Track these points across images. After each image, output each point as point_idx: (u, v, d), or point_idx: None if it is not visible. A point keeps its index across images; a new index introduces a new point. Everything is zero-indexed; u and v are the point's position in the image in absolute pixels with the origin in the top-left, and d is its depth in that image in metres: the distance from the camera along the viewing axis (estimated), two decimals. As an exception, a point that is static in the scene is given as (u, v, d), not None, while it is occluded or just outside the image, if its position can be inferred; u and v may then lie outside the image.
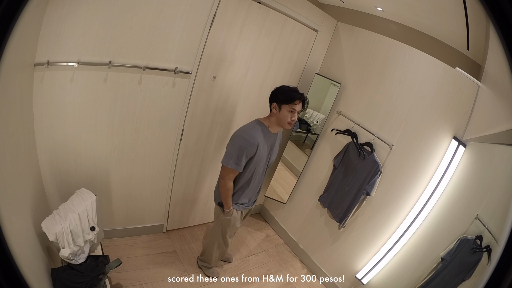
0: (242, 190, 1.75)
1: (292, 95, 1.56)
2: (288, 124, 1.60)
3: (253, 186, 1.78)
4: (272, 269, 2.43)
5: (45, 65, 1.34)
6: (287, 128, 1.63)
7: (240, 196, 1.77)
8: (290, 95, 1.56)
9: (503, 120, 1.07)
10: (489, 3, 0.54)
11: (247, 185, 1.74)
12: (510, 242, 0.53)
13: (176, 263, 2.14)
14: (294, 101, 1.55)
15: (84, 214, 1.40)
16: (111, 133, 1.75)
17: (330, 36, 2.41)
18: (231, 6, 1.77)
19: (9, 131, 1.07)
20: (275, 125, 1.66)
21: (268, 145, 1.68)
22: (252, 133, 1.59)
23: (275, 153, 1.80)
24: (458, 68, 1.67)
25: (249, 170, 1.66)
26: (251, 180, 1.72)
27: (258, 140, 1.59)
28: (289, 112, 1.57)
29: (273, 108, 1.63)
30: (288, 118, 1.58)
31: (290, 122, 1.59)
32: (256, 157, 1.62)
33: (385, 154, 2.01)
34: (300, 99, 1.57)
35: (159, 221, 2.33)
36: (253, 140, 1.57)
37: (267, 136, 1.65)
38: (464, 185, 1.65)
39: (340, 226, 2.19)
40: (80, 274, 1.34)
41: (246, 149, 1.55)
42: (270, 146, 1.71)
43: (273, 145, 1.74)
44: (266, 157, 1.71)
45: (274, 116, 1.63)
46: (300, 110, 1.61)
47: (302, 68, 2.42)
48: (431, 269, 1.64)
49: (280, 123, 1.62)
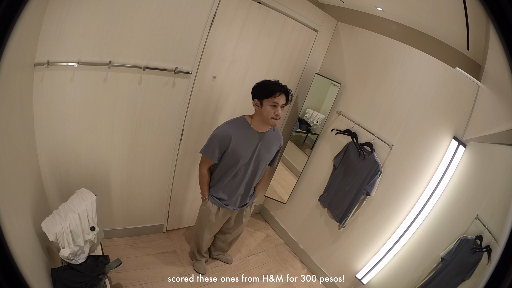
0: (218, 184, 1.75)
1: (272, 88, 1.50)
2: (272, 119, 1.53)
3: (232, 184, 1.73)
4: (272, 269, 2.43)
5: (45, 65, 1.33)
6: (273, 124, 1.58)
7: (217, 191, 1.76)
8: (270, 89, 1.50)
9: (503, 120, 1.07)
10: (489, 3, 0.54)
11: (223, 180, 1.72)
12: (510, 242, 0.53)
13: (176, 263, 2.14)
14: (275, 93, 1.49)
15: (84, 214, 1.40)
16: (111, 133, 1.75)
17: (330, 36, 2.41)
18: (231, 6, 1.77)
19: (9, 131, 1.07)
20: (260, 123, 1.60)
21: (251, 143, 1.63)
22: (226, 127, 1.60)
23: (267, 153, 1.71)
24: (458, 68, 1.67)
25: (225, 164, 1.66)
26: (228, 176, 1.69)
27: (232, 134, 1.57)
28: (271, 107, 1.51)
29: (254, 105, 1.57)
30: (271, 113, 1.52)
31: (274, 118, 1.53)
32: (230, 151, 1.60)
33: (385, 154, 2.01)
34: (281, 91, 1.50)
35: (159, 221, 2.33)
36: (226, 133, 1.57)
37: (248, 134, 1.61)
38: (464, 185, 1.65)
39: (340, 226, 2.19)
40: (80, 274, 1.34)
41: (218, 141, 1.59)
42: (256, 145, 1.64)
43: (261, 144, 1.65)
44: (250, 156, 1.65)
45: (257, 113, 1.59)
46: (284, 103, 1.54)
47: (302, 68, 2.42)
48: (431, 269, 1.64)
49: (264, 119, 1.56)
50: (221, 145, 1.60)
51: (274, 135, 1.73)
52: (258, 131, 1.63)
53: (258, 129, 1.63)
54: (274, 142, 1.73)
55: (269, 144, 1.70)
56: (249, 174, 1.73)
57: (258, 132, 1.63)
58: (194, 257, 2.16)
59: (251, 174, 1.74)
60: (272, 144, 1.72)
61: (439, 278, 1.58)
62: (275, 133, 1.74)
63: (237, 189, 1.76)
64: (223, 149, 1.61)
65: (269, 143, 1.70)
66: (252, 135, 1.62)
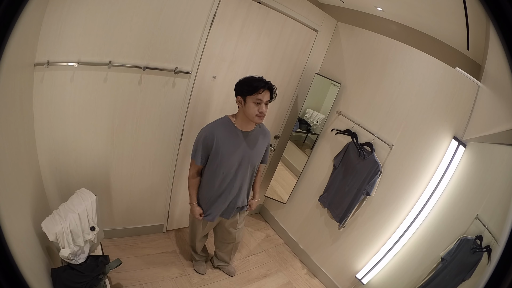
0: (202, 190, 1.69)
1: (255, 84, 1.42)
2: (257, 117, 1.46)
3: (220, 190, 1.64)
4: (272, 269, 2.43)
5: (45, 65, 1.33)
6: (258, 122, 1.50)
7: (204, 201, 1.69)
8: (252, 85, 1.43)
9: (503, 120, 1.07)
10: (489, 3, 0.54)
11: (207, 186, 1.64)
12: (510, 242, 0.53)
13: (176, 263, 2.14)
14: (258, 90, 1.42)
15: (84, 214, 1.40)
16: (111, 133, 1.75)
17: (330, 36, 2.41)
18: (231, 6, 1.77)
19: (9, 131, 1.07)
20: (244, 122, 1.53)
21: (235, 144, 1.55)
22: (209, 127, 1.54)
23: (254, 153, 1.63)
24: (458, 68, 1.67)
25: (211, 168, 1.59)
26: (215, 181, 1.61)
27: (215, 134, 1.51)
28: (255, 104, 1.44)
29: (237, 102, 1.50)
30: (255, 111, 1.44)
31: (259, 115, 1.46)
32: (214, 152, 1.53)
33: (385, 154, 2.01)
34: (264, 88, 1.43)
35: (159, 221, 2.33)
36: (208, 133, 1.52)
37: (232, 134, 1.54)
38: (464, 185, 1.65)
39: (340, 226, 2.19)
40: (80, 274, 1.34)
41: (201, 141, 1.53)
42: (241, 145, 1.56)
43: (246, 144, 1.57)
44: (236, 157, 1.57)
45: (240, 111, 1.51)
46: (269, 100, 1.47)
47: (302, 68, 2.42)
48: (431, 269, 1.64)
49: (249, 117, 1.48)
50: (204, 146, 1.54)
51: (260, 132, 1.65)
52: (242, 130, 1.56)
53: (242, 128, 1.55)
54: (261, 140, 1.65)
55: (255, 143, 1.62)
56: (238, 177, 1.63)
57: (243, 131, 1.56)
58: (192, 257, 2.16)
59: (241, 176, 1.64)
60: (259, 142, 1.64)
61: (439, 278, 1.58)
62: (261, 130, 1.65)
63: (227, 194, 1.67)
64: (206, 150, 1.55)
65: (255, 142, 1.62)
66: (237, 135, 1.55)
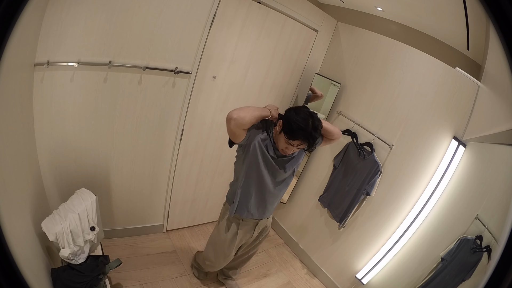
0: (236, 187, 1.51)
1: (296, 133, 1.24)
2: (281, 150, 1.36)
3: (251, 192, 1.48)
4: (272, 269, 2.42)
5: (45, 65, 1.33)
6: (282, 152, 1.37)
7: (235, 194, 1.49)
8: (293, 130, 1.24)
9: (503, 120, 1.07)
10: (489, 3, 0.54)
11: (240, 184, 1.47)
12: (510, 242, 0.53)
13: (176, 263, 2.14)
14: (295, 139, 1.26)
15: (84, 214, 1.40)
16: (111, 133, 1.75)
17: (330, 36, 2.41)
18: (231, 6, 1.77)
19: (9, 131, 1.07)
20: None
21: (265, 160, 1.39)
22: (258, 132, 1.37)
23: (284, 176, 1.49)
24: (458, 68, 1.67)
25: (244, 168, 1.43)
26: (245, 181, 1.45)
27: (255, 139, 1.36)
28: (285, 142, 1.30)
29: (278, 124, 1.33)
30: (282, 146, 1.33)
31: (284, 150, 1.35)
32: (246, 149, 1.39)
33: (385, 154, 2.01)
34: (303, 141, 1.27)
35: (159, 221, 2.33)
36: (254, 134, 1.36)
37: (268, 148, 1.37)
38: (464, 185, 1.65)
39: (340, 226, 2.19)
40: (80, 274, 1.34)
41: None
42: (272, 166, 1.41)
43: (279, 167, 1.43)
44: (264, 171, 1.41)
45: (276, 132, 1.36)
46: (304, 149, 1.33)
47: (302, 68, 2.42)
48: (431, 269, 1.64)
49: (277, 143, 1.37)
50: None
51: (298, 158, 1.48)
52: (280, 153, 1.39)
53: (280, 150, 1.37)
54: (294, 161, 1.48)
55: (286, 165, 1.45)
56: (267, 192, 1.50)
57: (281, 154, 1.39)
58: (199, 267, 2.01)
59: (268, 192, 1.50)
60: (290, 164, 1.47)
61: (439, 278, 1.58)
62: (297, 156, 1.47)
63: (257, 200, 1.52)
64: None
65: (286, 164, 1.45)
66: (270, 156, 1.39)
